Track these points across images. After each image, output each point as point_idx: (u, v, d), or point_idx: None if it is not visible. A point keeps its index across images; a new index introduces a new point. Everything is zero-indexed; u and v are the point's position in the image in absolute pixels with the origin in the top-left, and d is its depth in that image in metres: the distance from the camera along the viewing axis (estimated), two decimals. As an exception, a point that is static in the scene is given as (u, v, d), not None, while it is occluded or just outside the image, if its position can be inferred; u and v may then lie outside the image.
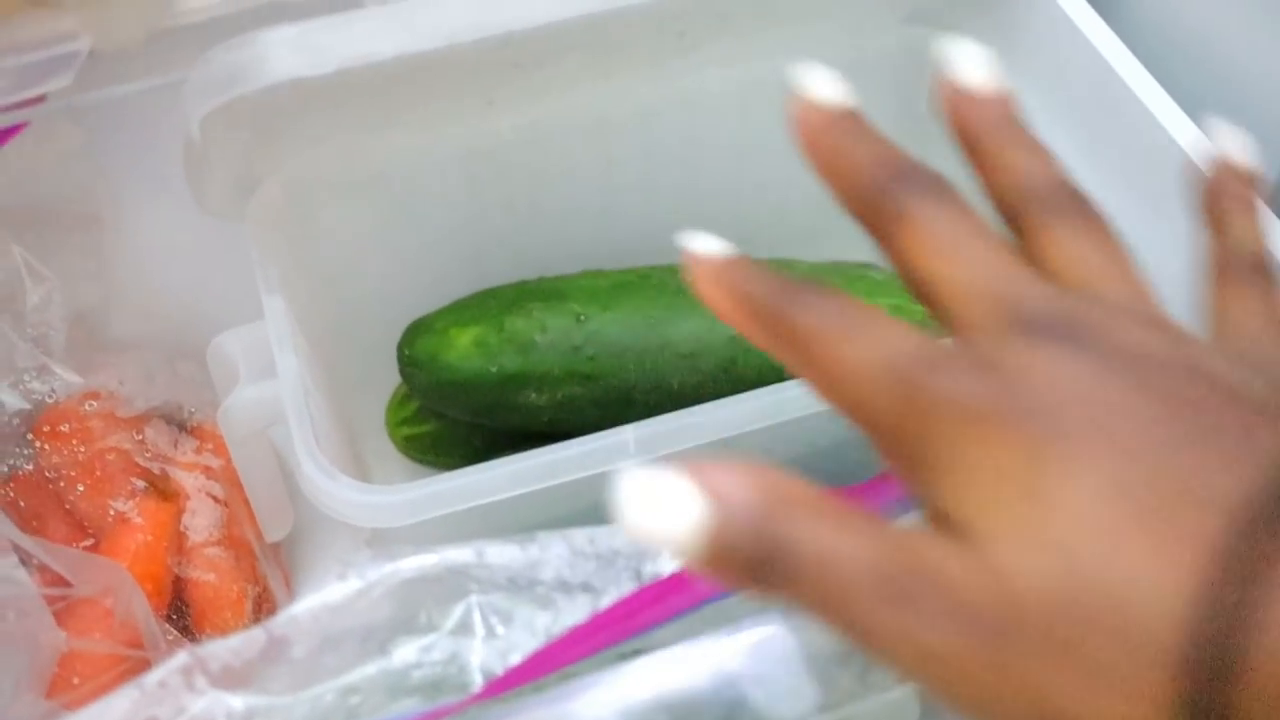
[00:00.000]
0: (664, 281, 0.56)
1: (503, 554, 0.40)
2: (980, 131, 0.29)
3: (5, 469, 0.54)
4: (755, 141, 0.60)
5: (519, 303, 0.55)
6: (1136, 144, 0.51)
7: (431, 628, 0.39)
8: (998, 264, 0.26)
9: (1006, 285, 0.26)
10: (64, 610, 0.48)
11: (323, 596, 0.38)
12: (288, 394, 0.46)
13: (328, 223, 0.57)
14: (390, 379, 0.60)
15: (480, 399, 0.55)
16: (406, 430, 0.61)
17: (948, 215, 0.27)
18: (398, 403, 0.62)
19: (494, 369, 0.54)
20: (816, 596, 0.23)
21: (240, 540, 0.57)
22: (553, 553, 0.40)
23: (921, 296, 0.27)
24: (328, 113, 0.51)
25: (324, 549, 0.61)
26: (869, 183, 0.28)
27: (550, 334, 0.54)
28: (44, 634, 0.45)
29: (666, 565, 0.40)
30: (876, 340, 0.25)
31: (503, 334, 0.54)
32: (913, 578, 0.23)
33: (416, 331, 0.56)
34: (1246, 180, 0.31)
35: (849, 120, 0.29)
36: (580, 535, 0.40)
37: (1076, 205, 0.28)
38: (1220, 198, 0.31)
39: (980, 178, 0.29)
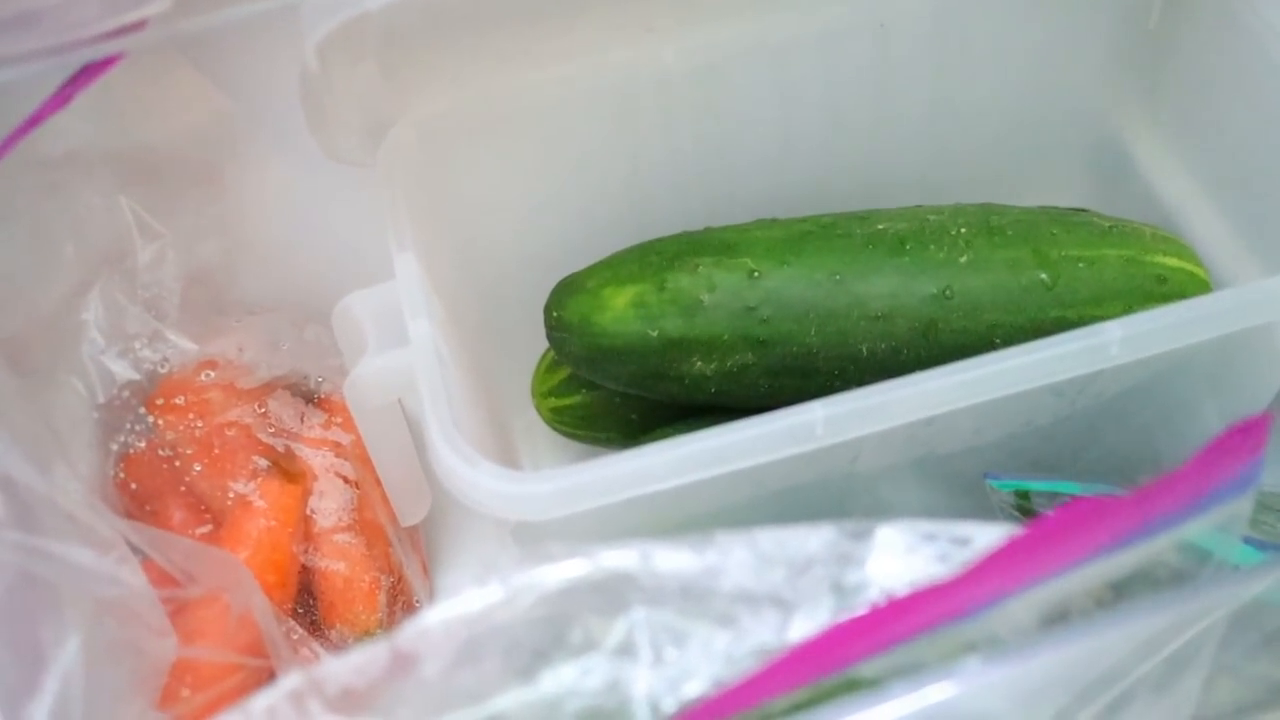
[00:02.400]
0: (850, 232, 0.52)
1: (673, 559, 0.35)
2: None
3: (116, 447, 0.51)
4: (957, 73, 0.57)
5: (683, 257, 0.52)
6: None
7: (588, 646, 0.35)
8: None
9: None
10: (175, 610, 0.44)
11: (459, 605, 0.34)
12: (420, 364, 0.44)
13: (466, 169, 0.54)
14: (537, 344, 0.57)
15: (638, 367, 0.52)
16: (554, 401, 0.59)
17: None
18: (545, 371, 0.59)
19: (654, 333, 0.51)
20: None
21: (373, 525, 0.54)
22: (734, 558, 0.36)
23: None
24: (463, 41, 0.49)
25: (466, 534, 0.59)
26: None
27: (719, 293, 0.50)
28: (152, 640, 0.41)
29: (874, 578, 0.34)
30: None
31: (664, 293, 0.51)
32: None
33: (566, 291, 0.53)
34: None
35: None
36: (766, 537, 0.36)
37: None
38: None
39: None
